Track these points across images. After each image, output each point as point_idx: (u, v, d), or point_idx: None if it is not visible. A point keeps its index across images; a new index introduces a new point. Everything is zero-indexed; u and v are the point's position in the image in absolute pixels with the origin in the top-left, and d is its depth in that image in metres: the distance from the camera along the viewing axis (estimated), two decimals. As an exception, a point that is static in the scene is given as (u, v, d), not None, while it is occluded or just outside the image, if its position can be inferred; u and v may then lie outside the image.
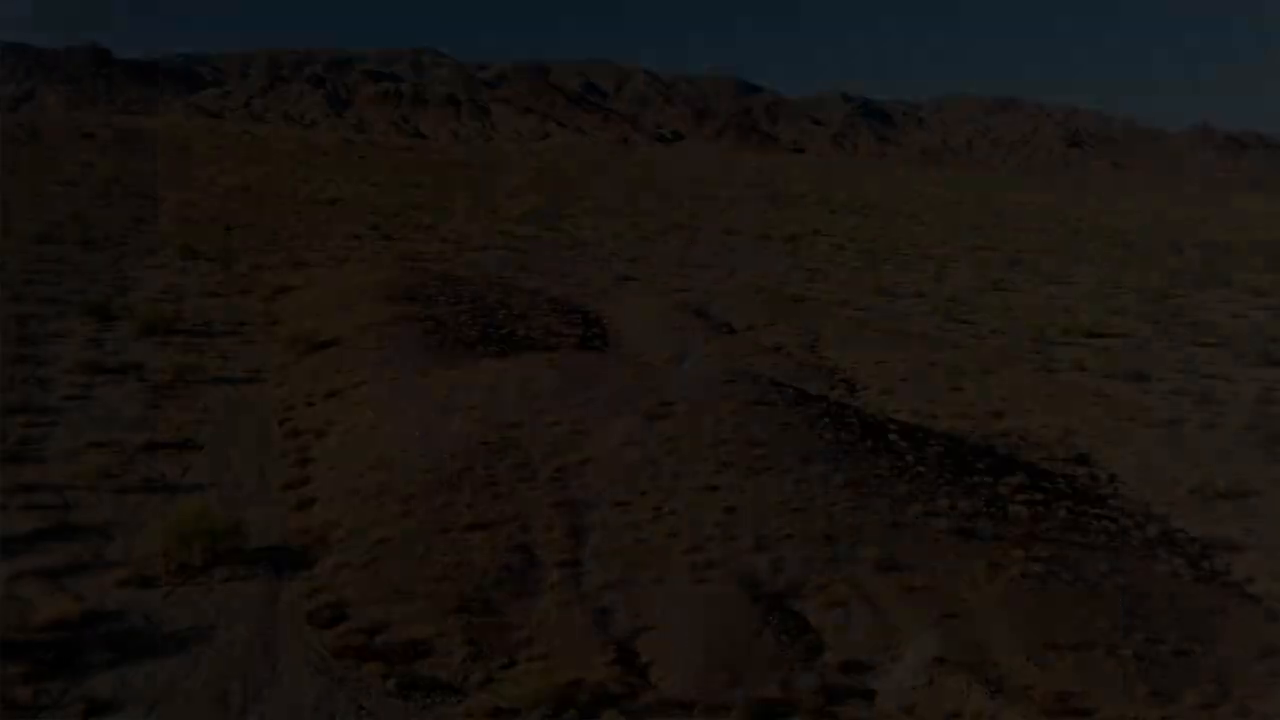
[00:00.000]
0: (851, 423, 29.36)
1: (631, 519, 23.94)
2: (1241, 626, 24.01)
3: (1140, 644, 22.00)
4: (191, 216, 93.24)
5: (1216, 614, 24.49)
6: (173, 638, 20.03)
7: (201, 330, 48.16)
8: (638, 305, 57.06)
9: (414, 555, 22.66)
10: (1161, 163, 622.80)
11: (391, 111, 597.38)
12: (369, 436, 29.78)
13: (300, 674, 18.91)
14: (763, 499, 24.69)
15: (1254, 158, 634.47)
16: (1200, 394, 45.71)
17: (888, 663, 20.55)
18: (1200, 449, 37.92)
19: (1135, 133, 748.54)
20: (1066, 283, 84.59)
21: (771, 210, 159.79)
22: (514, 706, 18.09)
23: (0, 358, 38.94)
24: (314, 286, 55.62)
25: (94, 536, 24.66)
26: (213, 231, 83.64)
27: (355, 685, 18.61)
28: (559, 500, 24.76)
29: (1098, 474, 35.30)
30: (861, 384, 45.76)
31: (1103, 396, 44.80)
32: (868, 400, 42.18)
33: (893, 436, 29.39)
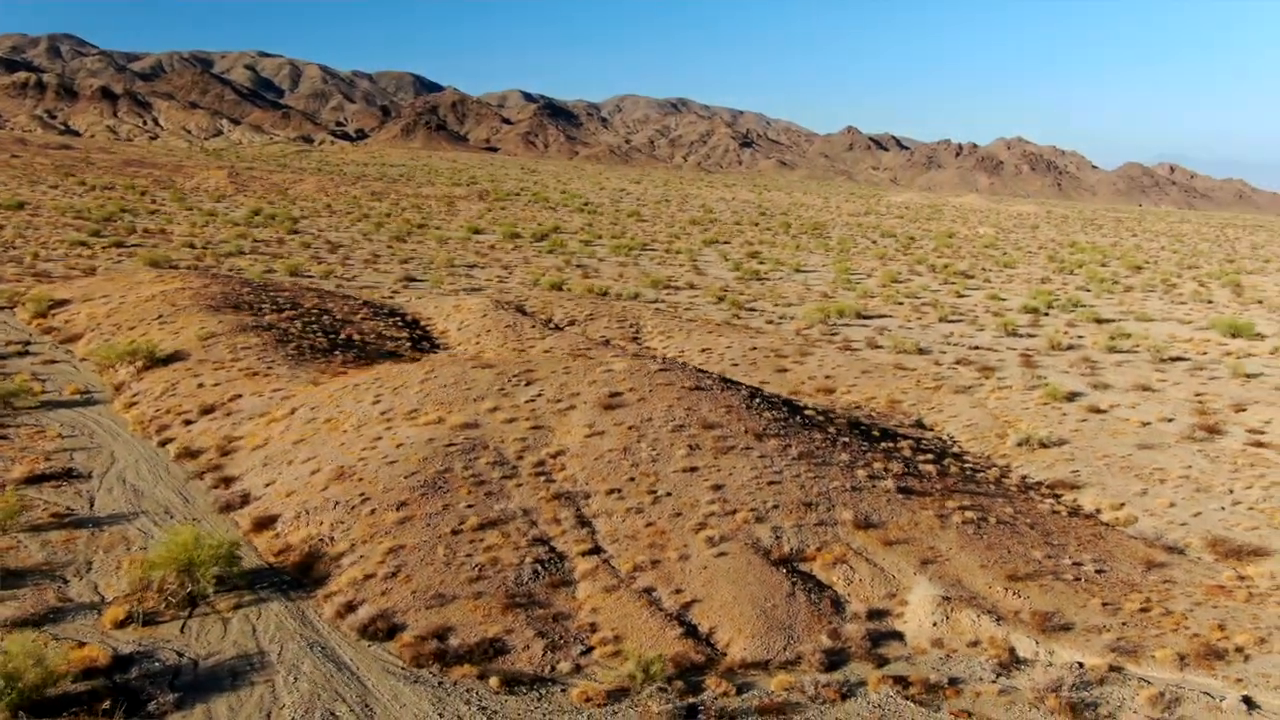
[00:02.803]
0: (776, 402, 31.78)
1: (632, 505, 24.90)
2: (1122, 548, 28.84)
3: (1070, 568, 26.01)
4: None
5: (1100, 539, 29.24)
6: (226, 669, 18.75)
7: (-18, 352, 42.65)
8: (450, 305, 56.59)
9: (438, 559, 22.39)
10: (817, 162, 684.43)
11: (33, 105, 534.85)
12: (303, 449, 28.40)
13: (395, 686, 18.45)
14: (739, 475, 26.46)
15: (892, 157, 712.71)
16: (978, 362, 52.54)
17: (899, 607, 23.07)
18: (1004, 408, 43.92)
19: (794, 134, 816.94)
20: (810, 271, 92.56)
21: (496, 209, 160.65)
22: (622, 686, 18.75)
23: None
24: (95, 300, 50.50)
25: (43, 579, 22.16)
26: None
27: (459, 689, 18.47)
28: (554, 493, 25.21)
29: (941, 436, 40.16)
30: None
31: (904, 369, 50.36)
32: (715, 385, 44.97)
33: (809, 413, 32.13)
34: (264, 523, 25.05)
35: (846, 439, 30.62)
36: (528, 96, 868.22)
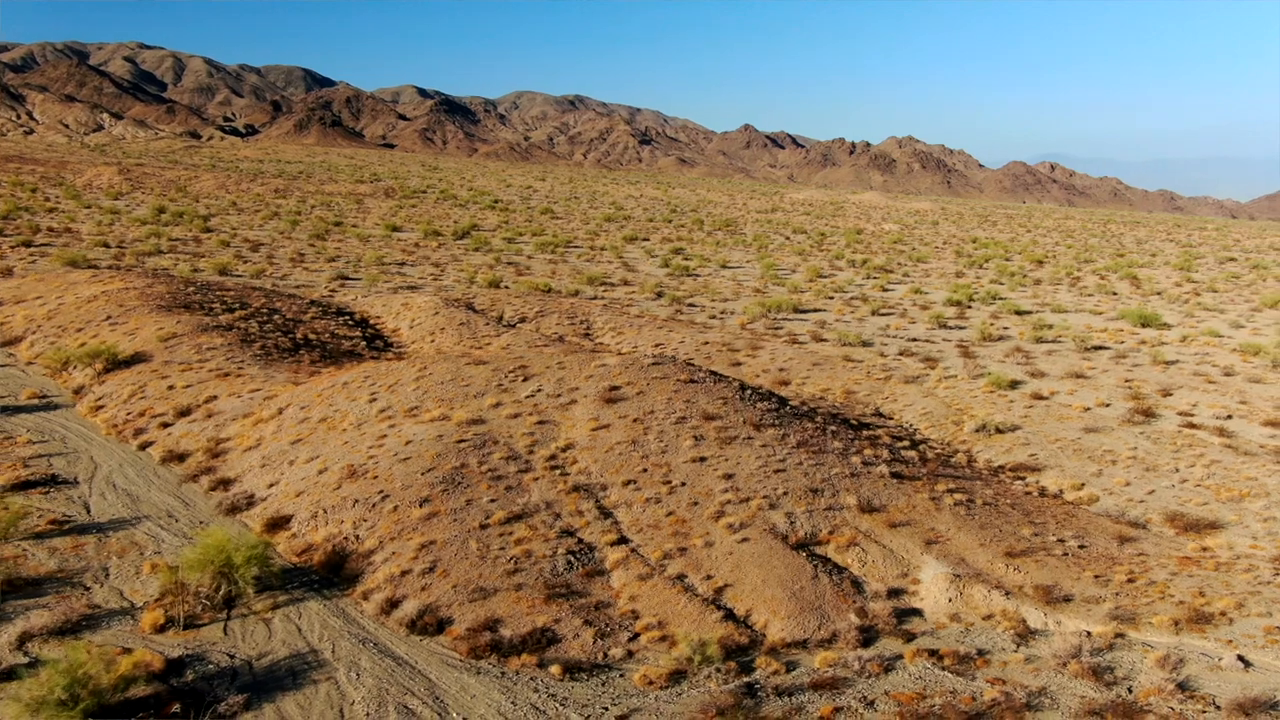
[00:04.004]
0: (764, 393, 32.66)
1: (649, 495, 25.43)
2: (1093, 524, 30.60)
3: (1056, 544, 27.55)
4: None
5: (1073, 517, 30.96)
6: (283, 668, 18.67)
7: (-81, 356, 40.70)
8: (399, 303, 56.05)
9: (472, 553, 22.57)
10: (716, 159, 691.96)
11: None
12: (304, 448, 28.09)
13: (460, 678, 18.65)
14: (746, 464, 27.24)
15: (788, 155, 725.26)
16: (920, 353, 54.50)
17: (913, 585, 24.17)
18: (954, 397, 45.77)
19: (692, 131, 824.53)
20: (737, 267, 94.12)
21: (406, 206, 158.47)
22: (679, 669, 19.32)
23: None
24: (29, 301, 48.55)
25: (63, 587, 21.61)
26: None
27: (523, 678, 18.76)
28: (572, 486, 25.58)
29: (902, 424, 41.67)
30: (657, 365, 49.17)
31: (852, 361, 51.95)
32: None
33: (794, 404, 33.10)
34: (277, 523, 24.80)
35: (835, 428, 31.71)
36: (423, 93, 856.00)
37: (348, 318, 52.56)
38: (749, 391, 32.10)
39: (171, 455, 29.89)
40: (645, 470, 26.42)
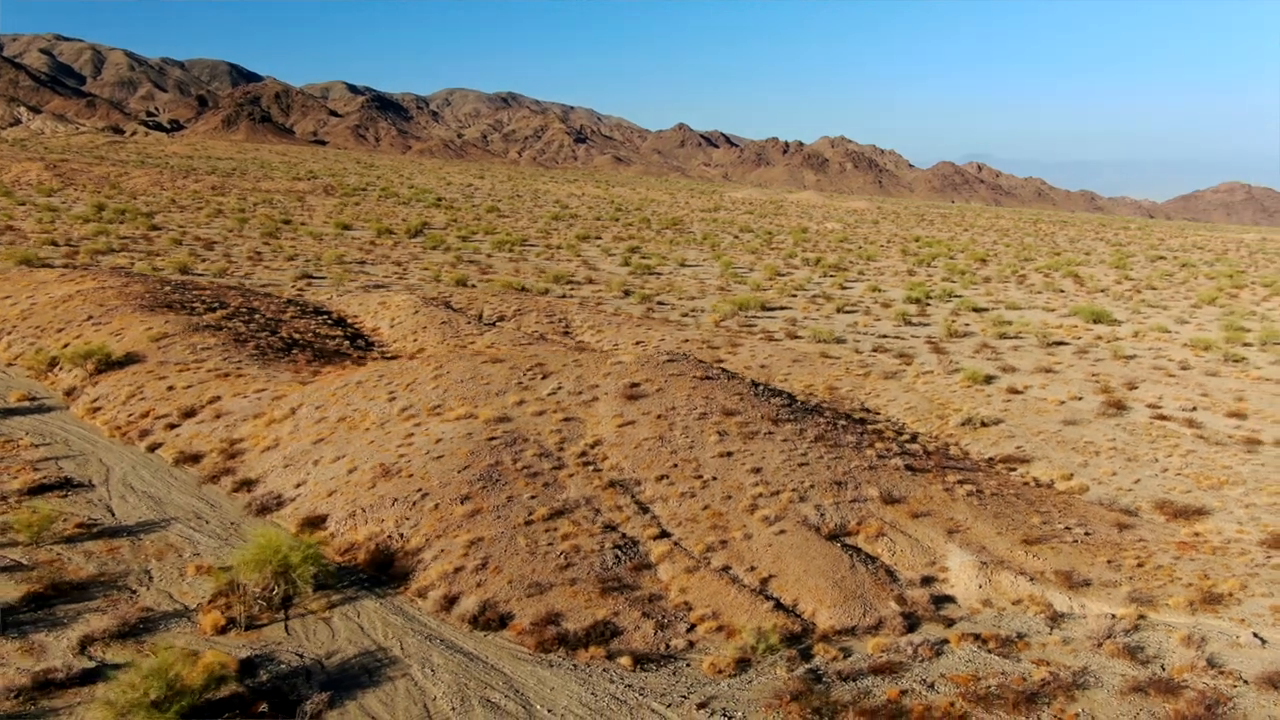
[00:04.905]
0: (775, 390, 33.30)
1: (683, 490, 25.89)
2: (1091, 512, 31.83)
3: (1064, 531, 28.66)
4: None
5: (1071, 506, 32.16)
6: (356, 666, 18.73)
7: (-108, 359, 39.39)
8: (375, 302, 55.64)
9: (522, 549, 22.79)
10: (651, 158, 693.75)
11: None
12: (328, 448, 27.96)
13: (534, 671, 18.90)
14: (771, 458, 27.85)
15: (723, 154, 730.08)
16: (893, 350, 55.76)
17: (942, 573, 25.00)
18: (933, 392, 46.99)
19: (626, 130, 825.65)
20: (695, 266, 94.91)
21: (349, 204, 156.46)
22: (743, 657, 19.83)
23: None
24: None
25: (110, 590, 21.35)
26: None
27: (595, 670, 19.09)
28: (607, 482, 25.91)
29: (890, 419, 42.70)
30: (641, 363, 49.57)
31: (829, 358, 52.95)
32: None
33: (800, 399, 33.81)
34: (312, 523, 24.73)
35: (844, 422, 32.49)
36: (353, 89, 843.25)
37: (326, 317, 52.07)
38: (760, 388, 32.74)
39: (185, 457, 29.51)
40: (675, 465, 26.87)
